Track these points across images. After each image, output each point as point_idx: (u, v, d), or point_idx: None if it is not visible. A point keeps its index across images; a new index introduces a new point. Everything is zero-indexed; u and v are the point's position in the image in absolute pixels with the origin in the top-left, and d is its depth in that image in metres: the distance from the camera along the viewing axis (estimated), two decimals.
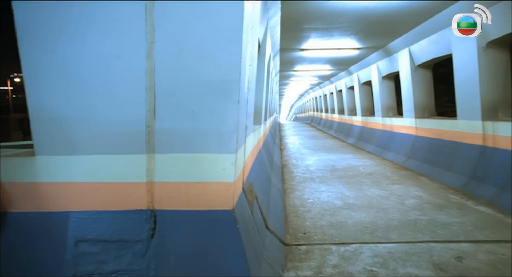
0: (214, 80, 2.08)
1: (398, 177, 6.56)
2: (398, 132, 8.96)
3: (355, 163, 8.30)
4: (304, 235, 3.69)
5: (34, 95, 2.17)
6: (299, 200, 5.06)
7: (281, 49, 8.53)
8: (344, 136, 14.43)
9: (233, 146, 2.16)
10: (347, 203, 4.84)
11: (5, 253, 2.31)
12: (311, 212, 4.49)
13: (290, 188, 5.87)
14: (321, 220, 4.16)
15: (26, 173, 2.26)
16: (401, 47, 8.02)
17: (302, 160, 8.97)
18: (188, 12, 2.03)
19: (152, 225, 2.23)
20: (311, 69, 13.06)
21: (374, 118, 11.07)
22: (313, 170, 7.51)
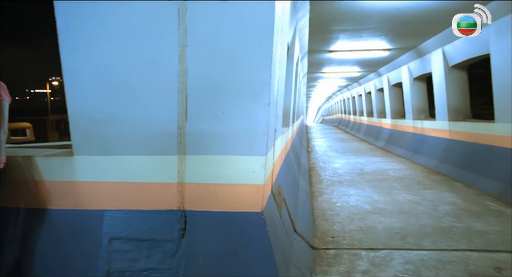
0: (245, 82, 2.10)
1: (430, 182, 6.33)
2: (430, 135, 8.66)
3: (385, 166, 8.10)
4: (332, 239, 3.64)
5: (73, 98, 2.27)
6: (327, 204, 4.99)
7: (309, 51, 8.48)
8: (373, 139, 14.11)
9: (263, 148, 2.17)
10: (377, 208, 4.73)
11: (45, 247, 2.43)
12: (340, 216, 4.42)
13: (318, 191, 5.80)
14: (350, 224, 4.09)
15: (65, 172, 2.37)
16: (434, 47, 7.76)
17: (329, 163, 8.85)
18: (220, 15, 2.06)
19: (182, 225, 2.27)
20: (339, 71, 12.89)
21: (405, 120, 10.77)
22: (341, 173, 7.39)
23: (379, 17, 5.83)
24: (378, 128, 14.26)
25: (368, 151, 11.33)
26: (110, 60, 2.16)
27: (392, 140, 11.65)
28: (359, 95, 18.64)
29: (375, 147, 12.30)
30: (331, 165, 8.43)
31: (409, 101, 10.20)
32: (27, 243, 2.46)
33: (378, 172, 7.38)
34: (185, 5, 2.07)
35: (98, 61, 2.17)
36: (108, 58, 2.15)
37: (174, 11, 2.07)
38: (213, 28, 2.08)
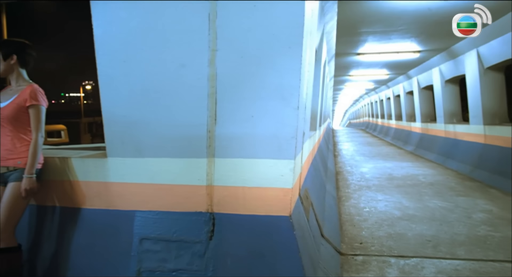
0: (274, 86, 2.10)
1: (464, 189, 6.09)
2: (463, 140, 8.33)
3: (415, 171, 7.86)
4: (360, 245, 3.56)
5: (108, 101, 2.35)
6: (355, 209, 4.90)
7: (337, 54, 8.38)
8: (402, 143, 13.74)
9: (291, 152, 2.16)
10: (407, 214, 4.59)
11: (79, 245, 2.52)
12: (368, 221, 4.33)
13: (345, 196, 5.71)
14: (379, 230, 3.99)
15: (99, 173, 2.45)
16: (468, 48, 7.48)
17: (357, 167, 8.69)
18: (250, 19, 2.08)
19: (210, 227, 2.30)
20: (367, 73, 12.67)
21: (436, 124, 10.41)
22: (368, 178, 7.24)
23: (410, 18, 5.69)
24: (407, 132, 13.87)
25: (396, 155, 11.04)
26: (143, 65, 2.22)
27: (422, 144, 11.30)
28: (388, 98, 18.23)
29: (404, 152, 11.97)
30: (358, 170, 8.28)
31: (440, 104, 9.86)
32: (62, 241, 2.56)
33: (408, 177, 7.18)
34: (215, 10, 2.10)
35: (132, 66, 2.23)
36: (142, 63, 2.22)
37: (205, 16, 2.10)
38: (243, 32, 2.10)
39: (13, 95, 2.28)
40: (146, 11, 2.19)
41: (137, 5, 2.19)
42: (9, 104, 2.25)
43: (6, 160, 2.26)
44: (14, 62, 2.30)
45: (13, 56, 2.29)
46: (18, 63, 2.32)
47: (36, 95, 2.27)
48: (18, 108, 2.24)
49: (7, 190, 2.23)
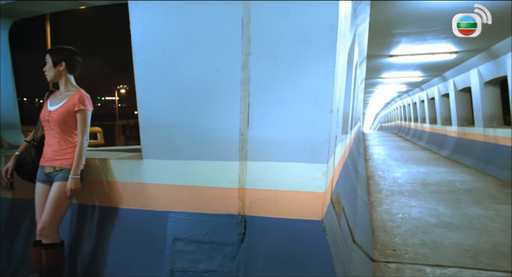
0: (307, 89, 2.09)
1: (505, 196, 5.77)
2: (505, 144, 7.90)
3: (451, 177, 7.54)
4: (393, 252, 3.46)
5: (144, 105, 2.43)
6: (387, 215, 4.77)
7: (368, 56, 8.22)
8: (437, 148, 13.23)
9: (324, 156, 2.14)
10: (443, 221, 4.41)
11: (115, 244, 2.62)
12: (401, 228, 4.20)
13: (377, 201, 5.57)
14: (413, 237, 3.86)
15: (135, 174, 2.53)
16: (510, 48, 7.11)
17: (389, 172, 8.46)
18: (283, 23, 2.08)
19: (242, 230, 2.31)
20: (399, 76, 12.32)
21: (474, 128, 9.95)
22: (401, 183, 7.03)
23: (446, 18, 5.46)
24: (442, 136, 13.35)
25: (431, 160, 10.64)
26: (178, 70, 2.28)
27: (459, 149, 10.83)
28: (421, 101, 17.64)
29: (439, 156, 11.52)
30: (390, 174, 8.05)
31: (479, 107, 9.42)
32: (101, 239, 2.66)
33: (444, 183, 6.90)
34: (248, 15, 2.12)
35: (168, 70, 2.30)
36: (177, 68, 2.28)
37: (238, 21, 2.13)
38: (276, 36, 2.11)
39: (62, 100, 2.40)
40: (181, 18, 2.25)
41: (173, 12, 2.26)
42: (59, 108, 2.37)
43: (53, 161, 2.38)
44: (63, 69, 2.42)
45: (62, 63, 2.41)
46: (67, 69, 2.44)
47: (84, 100, 2.39)
48: (67, 112, 2.36)
49: (53, 189, 2.35)
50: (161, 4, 2.27)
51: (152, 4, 2.29)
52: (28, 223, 2.92)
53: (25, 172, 2.52)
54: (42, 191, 2.43)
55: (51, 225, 2.34)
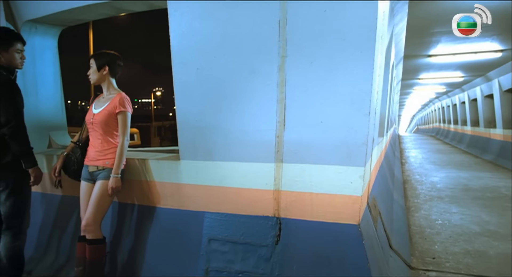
0: (344, 91, 2.06)
1: None
2: None
3: (495, 183, 7.13)
4: (433, 260, 3.32)
5: (182, 107, 2.49)
6: (426, 221, 4.59)
7: (405, 56, 7.96)
8: (479, 152, 12.56)
9: (361, 159, 2.10)
10: (487, 230, 4.18)
11: (153, 242, 2.70)
12: (441, 235, 4.02)
13: (414, 206, 5.37)
14: (454, 245, 3.69)
15: (173, 174, 2.60)
16: None
17: (426, 176, 8.14)
18: (320, 25, 2.07)
19: (277, 232, 2.31)
20: (438, 76, 11.82)
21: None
22: (440, 188, 6.74)
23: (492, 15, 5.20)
24: (485, 140, 12.66)
25: (473, 164, 10.12)
26: (215, 72, 2.32)
27: (505, 153, 10.21)
28: (462, 102, 16.83)
29: (482, 161, 10.93)
30: (428, 179, 7.75)
31: None
32: (139, 236, 2.76)
33: (487, 189, 6.54)
34: (285, 17, 2.12)
35: (205, 73, 2.35)
36: (214, 70, 2.32)
37: (275, 23, 2.14)
38: (313, 38, 2.09)
39: (105, 103, 2.52)
40: (218, 21, 2.29)
41: (210, 16, 2.31)
42: (102, 111, 2.49)
43: (96, 160, 2.50)
44: (106, 73, 2.54)
45: (105, 67, 2.53)
46: (110, 73, 2.56)
47: (124, 102, 2.49)
48: (109, 114, 2.47)
49: (96, 187, 2.47)
50: (199, 9, 2.32)
51: (191, 8, 2.35)
52: (74, 219, 3.09)
53: (71, 171, 2.66)
54: (86, 189, 2.56)
55: (94, 222, 2.45)
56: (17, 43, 2.59)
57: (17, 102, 2.50)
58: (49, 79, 3.51)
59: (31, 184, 2.60)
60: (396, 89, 12.38)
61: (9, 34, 2.59)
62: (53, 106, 3.58)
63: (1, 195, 2.58)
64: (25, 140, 2.54)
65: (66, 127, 3.75)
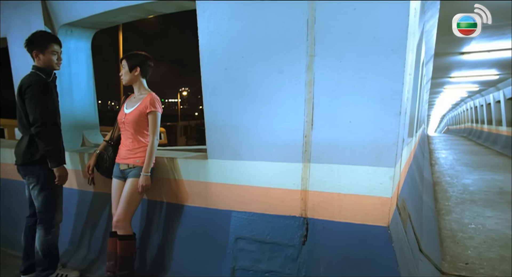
0: (374, 90, 2.02)
1: None
2: None
3: None
4: (466, 265, 3.20)
5: (210, 106, 2.53)
6: (458, 224, 4.42)
7: (436, 54, 7.70)
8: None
9: (392, 159, 2.05)
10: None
11: (181, 239, 2.75)
12: (474, 240, 3.87)
13: (445, 209, 5.20)
14: (489, 251, 3.54)
15: (200, 173, 2.64)
16: None
17: (458, 178, 7.85)
18: (350, 23, 2.04)
19: (304, 232, 2.30)
20: (471, 74, 11.37)
21: None
22: (473, 190, 6.48)
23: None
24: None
25: (508, 167, 9.66)
26: (243, 72, 2.33)
27: None
28: (497, 101, 16.10)
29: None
30: (460, 181, 7.47)
31: None
32: (167, 233, 2.82)
33: None
34: (314, 16, 2.11)
35: (233, 73, 2.37)
36: (242, 70, 2.34)
37: (304, 22, 2.13)
38: (342, 37, 2.06)
39: (136, 103, 2.59)
40: (246, 21, 2.30)
41: (239, 17, 2.32)
42: (133, 111, 2.56)
43: (127, 159, 2.58)
44: (138, 73, 2.61)
45: (137, 68, 2.59)
46: (141, 74, 2.62)
47: (155, 102, 2.55)
48: (140, 114, 2.54)
49: (126, 185, 2.54)
50: (227, 9, 2.34)
51: (219, 9, 2.37)
52: (105, 215, 3.19)
53: (103, 168, 2.75)
54: (118, 187, 2.64)
55: (125, 218, 2.53)
56: (53, 45, 2.71)
57: (45, 103, 2.58)
58: (83, 80, 3.65)
59: (56, 183, 2.68)
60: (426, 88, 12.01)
61: (45, 37, 2.71)
62: (87, 106, 3.71)
63: (34, 190, 2.70)
64: (50, 140, 2.61)
65: (98, 126, 3.88)
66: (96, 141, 3.72)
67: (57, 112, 2.74)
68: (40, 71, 2.68)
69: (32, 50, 2.67)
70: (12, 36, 3.64)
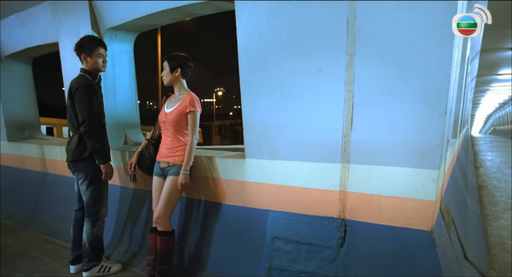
0: (417, 89, 1.95)
1: None
2: None
3: None
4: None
5: (248, 106, 2.54)
6: (507, 231, 4.16)
7: (482, 50, 7.29)
8: None
9: (435, 161, 1.97)
10: None
11: (218, 236, 2.80)
12: None
13: (492, 214, 4.91)
14: None
15: (238, 172, 2.67)
16: None
17: (506, 182, 7.38)
18: (391, 20, 1.97)
19: (342, 234, 2.26)
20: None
21: None
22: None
23: None
24: None
25: None
26: (281, 72, 2.33)
27: None
28: None
29: None
30: (508, 185, 7.02)
31: None
32: (205, 231, 2.88)
33: None
34: (354, 14, 2.07)
35: (271, 73, 2.37)
36: (280, 70, 2.33)
37: (343, 20, 2.09)
38: (383, 34, 2.01)
39: (176, 103, 2.66)
40: (285, 21, 2.29)
41: (277, 16, 2.32)
42: (173, 110, 2.64)
43: (167, 157, 2.66)
44: (178, 74, 2.68)
45: (178, 69, 2.66)
46: (181, 75, 2.70)
47: (194, 102, 2.61)
48: (180, 114, 2.61)
49: (166, 183, 2.63)
50: (266, 9, 2.35)
51: (257, 9, 2.38)
52: (145, 211, 3.31)
53: (144, 166, 2.86)
54: (158, 184, 2.73)
55: (164, 215, 2.61)
56: (100, 48, 2.85)
57: (91, 104, 2.74)
58: (125, 81, 3.81)
59: (103, 179, 2.84)
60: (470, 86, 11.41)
61: (92, 41, 2.86)
62: (129, 106, 3.87)
63: (82, 185, 2.87)
64: (97, 139, 2.78)
65: (139, 125, 4.04)
66: (137, 139, 3.87)
67: (102, 112, 2.89)
68: (87, 74, 2.83)
69: (80, 54, 2.83)
70: (63, 40, 3.87)
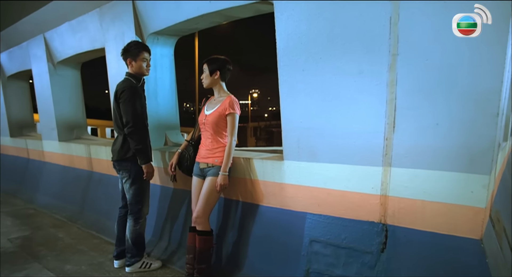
0: (466, 90, 1.85)
1: None
2: None
3: None
4: None
5: (287, 107, 2.54)
6: None
7: None
8: None
9: (486, 166, 1.86)
10: None
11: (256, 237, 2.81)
12: None
13: None
14: None
15: (276, 174, 2.68)
16: None
17: None
18: (437, 19, 1.89)
19: (383, 239, 2.20)
20: None
21: None
22: None
23: None
24: None
25: None
26: (321, 73, 2.31)
27: None
28: None
29: None
30: None
31: None
32: (242, 232, 2.91)
33: None
34: (397, 13, 2.01)
35: (311, 74, 2.36)
36: (320, 71, 2.31)
37: (386, 20, 2.04)
38: (428, 34, 1.93)
39: (216, 105, 2.72)
40: (325, 22, 2.27)
41: (317, 17, 2.30)
42: (213, 112, 2.69)
43: (206, 158, 2.72)
44: (218, 77, 2.73)
45: (217, 72, 2.72)
46: (220, 77, 2.75)
47: (233, 105, 2.65)
48: (219, 116, 2.66)
49: (205, 183, 2.68)
50: (305, 10, 2.34)
51: (297, 11, 2.38)
52: (184, 210, 3.40)
53: (184, 167, 2.94)
54: (197, 184, 2.79)
55: (203, 214, 2.67)
56: (144, 52, 2.98)
57: (135, 106, 2.87)
58: (166, 84, 3.94)
59: (144, 178, 2.96)
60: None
61: (137, 45, 2.99)
62: (169, 108, 4.00)
63: (126, 184, 3.01)
64: (140, 140, 2.90)
65: (179, 126, 4.16)
66: (177, 140, 3.98)
67: (145, 114, 3.01)
68: (132, 77, 2.96)
69: (126, 58, 2.97)
70: (109, 46, 4.08)
